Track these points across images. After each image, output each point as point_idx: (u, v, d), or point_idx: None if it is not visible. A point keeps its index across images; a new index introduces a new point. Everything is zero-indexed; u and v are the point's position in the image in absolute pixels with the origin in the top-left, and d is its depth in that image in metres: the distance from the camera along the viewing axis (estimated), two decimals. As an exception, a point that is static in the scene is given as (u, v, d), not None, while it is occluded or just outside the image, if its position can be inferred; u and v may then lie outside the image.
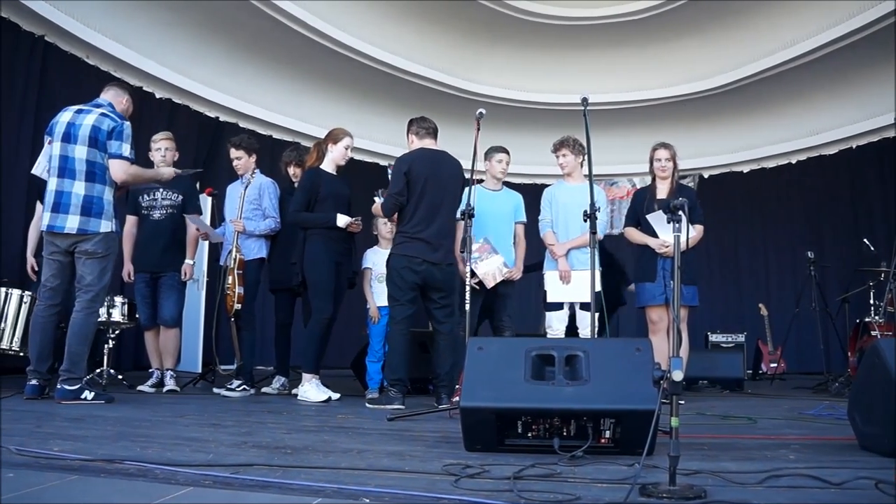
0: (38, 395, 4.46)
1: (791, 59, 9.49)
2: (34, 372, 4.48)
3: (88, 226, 4.49)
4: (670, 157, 5.40)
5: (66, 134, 4.55)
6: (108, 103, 4.76)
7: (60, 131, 4.57)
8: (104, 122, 4.58)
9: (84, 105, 4.70)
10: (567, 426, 2.70)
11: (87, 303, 4.53)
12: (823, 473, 2.24)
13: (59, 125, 4.60)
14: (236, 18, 8.71)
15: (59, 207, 4.47)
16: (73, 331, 4.49)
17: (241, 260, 5.63)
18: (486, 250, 5.23)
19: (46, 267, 4.57)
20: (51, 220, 4.48)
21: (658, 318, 5.28)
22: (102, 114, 4.62)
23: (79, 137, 4.54)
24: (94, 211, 4.53)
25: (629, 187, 11.89)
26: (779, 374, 8.35)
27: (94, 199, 4.54)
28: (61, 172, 4.51)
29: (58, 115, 4.67)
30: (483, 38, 10.27)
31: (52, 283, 4.55)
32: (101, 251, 4.54)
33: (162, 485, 2.06)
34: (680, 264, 2.42)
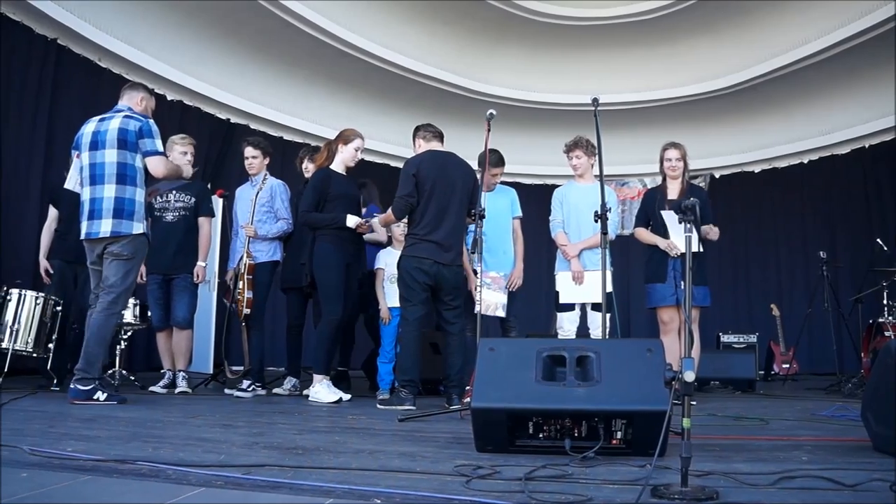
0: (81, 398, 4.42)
1: (802, 59, 9.44)
2: (79, 372, 4.46)
3: (121, 227, 4.53)
4: (680, 157, 5.39)
5: (92, 143, 4.60)
6: (128, 107, 4.78)
7: (87, 142, 4.62)
8: (130, 123, 4.61)
9: (105, 114, 4.74)
10: (578, 427, 2.70)
11: (109, 304, 4.54)
12: (837, 475, 2.22)
13: (84, 136, 4.65)
14: (248, 21, 8.74)
15: (94, 214, 4.53)
16: (92, 331, 4.51)
17: (250, 265, 5.66)
18: (498, 285, 5.23)
19: (93, 277, 4.67)
20: (87, 228, 4.54)
21: (669, 319, 5.27)
22: (126, 116, 4.66)
23: (106, 142, 4.57)
24: (126, 213, 4.56)
25: (640, 188, 11.86)
26: (791, 375, 8.30)
27: (126, 200, 4.57)
28: (92, 180, 4.57)
29: (82, 128, 4.72)
30: (493, 38, 10.26)
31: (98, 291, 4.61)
32: (127, 253, 4.57)
33: (174, 485, 2.06)
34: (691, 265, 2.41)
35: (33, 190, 6.99)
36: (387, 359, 5.73)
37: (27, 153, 7.02)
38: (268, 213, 5.85)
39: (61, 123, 7.35)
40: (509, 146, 5.70)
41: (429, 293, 4.88)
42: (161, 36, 8.54)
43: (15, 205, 6.84)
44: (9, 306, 5.36)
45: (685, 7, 9.36)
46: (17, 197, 6.87)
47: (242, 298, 5.62)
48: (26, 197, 6.94)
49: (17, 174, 6.91)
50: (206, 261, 5.74)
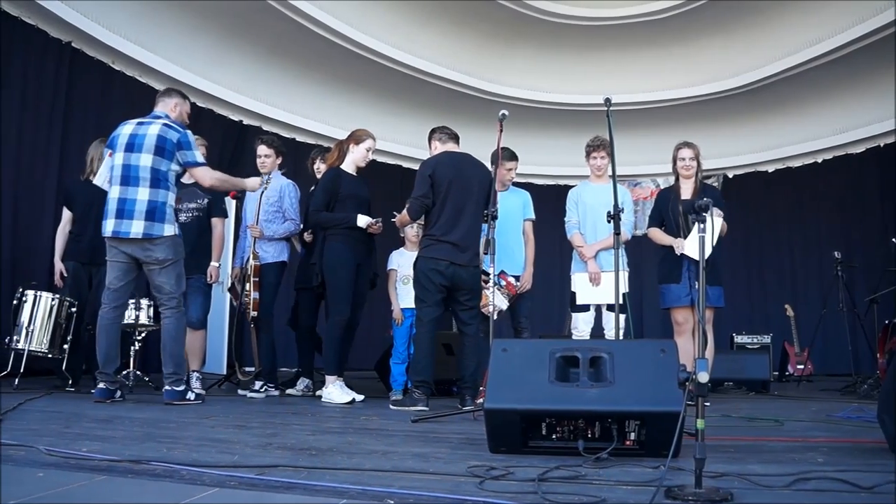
0: (107, 398, 4.52)
1: (816, 57, 9.36)
2: (102, 374, 4.55)
3: (153, 230, 4.60)
4: (694, 157, 5.37)
5: (128, 144, 4.65)
6: (165, 114, 4.85)
7: (123, 142, 4.66)
8: (169, 133, 4.69)
9: (143, 118, 4.81)
10: (592, 428, 2.69)
11: (174, 310, 4.70)
12: (853, 477, 2.21)
13: (120, 137, 4.70)
14: (260, 23, 8.76)
15: (123, 214, 4.57)
16: (171, 336, 4.67)
17: (256, 267, 5.68)
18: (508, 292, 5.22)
19: (110, 269, 4.66)
20: (115, 226, 4.56)
21: (683, 320, 5.25)
22: (165, 125, 4.73)
23: (143, 146, 4.63)
24: (158, 216, 4.63)
25: (653, 188, 11.82)
26: (806, 376, 8.25)
27: (158, 204, 4.65)
28: (124, 181, 4.60)
29: (118, 129, 4.77)
30: (505, 39, 10.25)
31: (116, 284, 4.65)
32: (171, 257, 4.67)
33: (188, 485, 2.07)
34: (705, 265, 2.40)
35: (48, 192, 7.03)
36: (399, 360, 5.74)
37: (43, 155, 7.07)
38: (276, 213, 5.84)
39: (75, 126, 7.40)
40: (522, 147, 5.69)
41: (444, 294, 4.88)
42: (174, 39, 8.57)
43: (30, 206, 6.89)
44: (24, 307, 5.40)
45: (698, 6, 9.30)
46: (32, 199, 6.91)
47: (249, 300, 5.65)
48: (41, 199, 6.98)
49: (32, 176, 6.96)
50: (219, 261, 5.76)
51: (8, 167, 6.72)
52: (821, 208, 10.98)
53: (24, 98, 6.95)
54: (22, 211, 6.82)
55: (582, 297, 5.38)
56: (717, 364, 5.76)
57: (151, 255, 4.62)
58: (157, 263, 4.64)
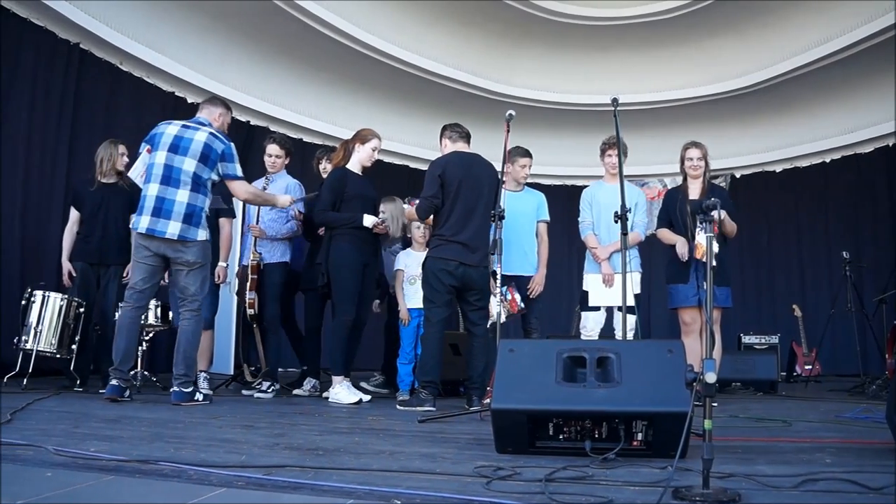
0: (119, 396, 4.54)
1: (824, 57, 9.32)
2: (117, 371, 4.57)
3: (188, 233, 4.65)
4: (702, 156, 5.36)
5: (173, 145, 4.68)
6: (208, 122, 4.90)
7: (167, 142, 4.69)
8: (215, 143, 4.76)
9: (188, 122, 4.85)
10: (599, 428, 2.69)
11: (195, 312, 4.75)
12: (862, 478, 2.20)
13: (164, 136, 4.72)
14: (268, 24, 8.78)
15: (161, 213, 4.60)
16: (187, 338, 4.71)
17: (254, 265, 5.69)
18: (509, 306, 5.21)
19: (138, 270, 4.68)
20: (151, 224, 4.58)
21: (691, 320, 5.24)
22: (212, 134, 4.79)
23: (189, 151, 4.68)
24: (194, 220, 4.69)
25: (660, 188, 11.79)
26: (814, 377, 8.23)
27: (196, 208, 4.70)
28: (165, 180, 4.63)
29: (159, 127, 4.81)
30: (513, 39, 10.24)
31: (141, 286, 4.67)
32: (200, 260, 4.73)
33: (196, 485, 2.08)
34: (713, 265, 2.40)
35: (57, 192, 7.06)
36: (406, 360, 5.74)
37: (51, 156, 7.10)
38: (279, 213, 5.83)
39: (83, 126, 7.42)
40: (531, 147, 5.69)
41: (453, 295, 4.88)
42: (182, 39, 8.60)
43: (38, 207, 6.91)
44: (33, 308, 5.42)
45: (705, 6, 9.28)
46: (40, 199, 6.94)
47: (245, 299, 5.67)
48: (49, 199, 7.01)
49: (41, 177, 6.98)
50: (227, 261, 5.77)
51: (16, 168, 6.76)
52: (829, 208, 10.93)
53: (32, 99, 6.98)
54: (30, 211, 6.84)
55: (594, 299, 5.38)
56: (724, 364, 5.76)
57: (182, 256, 4.67)
58: (187, 265, 4.69)
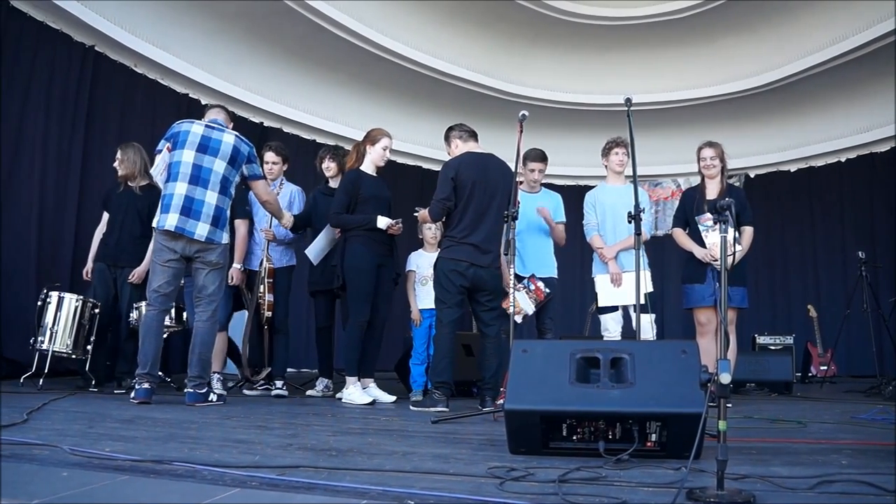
0: (149, 399, 4.51)
1: (839, 55, 9.27)
2: (148, 376, 4.54)
3: (215, 235, 4.68)
4: (716, 156, 5.33)
5: (201, 146, 4.69)
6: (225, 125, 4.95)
7: (194, 141, 4.68)
8: (242, 146, 4.83)
9: (209, 123, 4.86)
10: (612, 429, 2.68)
11: (212, 312, 4.77)
12: (878, 480, 2.18)
13: (190, 135, 4.70)
14: (280, 25, 8.81)
15: (190, 213, 4.60)
16: (202, 339, 4.73)
17: (270, 269, 5.74)
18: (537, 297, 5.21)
19: (161, 274, 4.65)
20: (180, 223, 4.56)
21: (706, 321, 5.21)
22: (238, 137, 4.85)
23: (219, 152, 4.72)
24: (221, 223, 4.73)
25: (674, 188, 11.76)
26: (829, 378, 8.17)
27: (222, 210, 4.74)
28: (194, 180, 4.63)
29: (182, 125, 4.79)
30: (526, 40, 10.24)
31: (166, 289, 4.67)
32: (222, 262, 4.79)
33: (210, 486, 2.08)
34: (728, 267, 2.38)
35: (71, 194, 7.11)
36: (419, 360, 5.75)
37: (66, 158, 7.14)
38: None
39: (98, 129, 7.47)
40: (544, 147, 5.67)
41: (464, 296, 4.88)
42: (195, 42, 8.64)
43: (53, 209, 6.96)
44: (48, 308, 5.45)
45: (718, 5, 9.25)
46: (55, 201, 6.99)
47: (264, 302, 5.70)
48: (64, 201, 7.06)
49: (56, 179, 7.03)
50: (241, 264, 5.79)
51: (32, 169, 6.81)
52: (844, 208, 10.86)
53: (48, 101, 7.03)
54: (45, 213, 6.89)
55: (605, 299, 5.36)
56: (739, 365, 5.72)
57: (205, 256, 4.69)
58: (208, 265, 4.72)
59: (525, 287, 5.16)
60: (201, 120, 4.96)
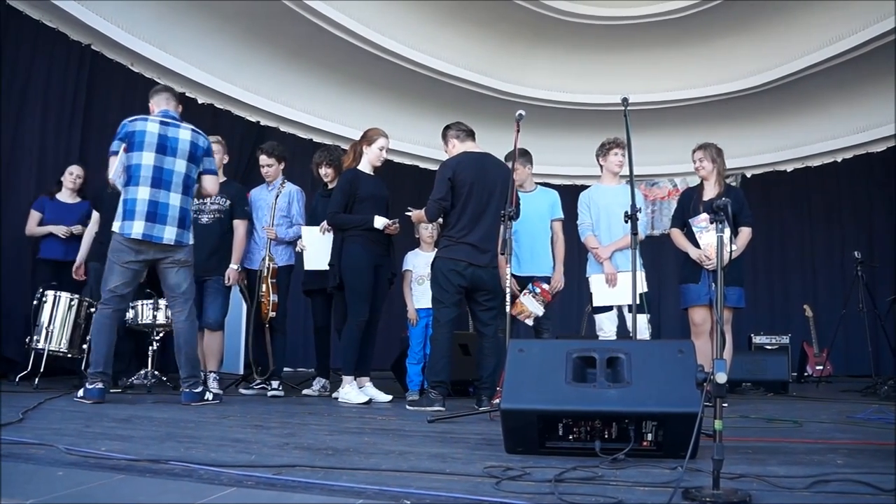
0: (103, 399, 4.43)
1: (836, 55, 9.28)
2: (101, 374, 4.46)
3: (183, 237, 4.65)
4: (704, 158, 5.32)
5: (160, 146, 4.58)
6: (177, 116, 4.82)
7: (152, 142, 4.57)
8: (199, 140, 4.76)
9: (163, 118, 4.72)
10: (609, 429, 2.68)
11: (189, 310, 4.73)
12: (874, 479, 2.18)
13: (147, 135, 4.57)
14: (278, 25, 8.80)
15: (156, 218, 4.52)
16: (186, 339, 4.68)
17: (273, 269, 5.74)
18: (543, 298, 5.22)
19: (120, 275, 4.54)
20: (146, 230, 4.49)
21: (701, 320, 5.21)
22: (193, 130, 4.77)
23: (178, 151, 4.64)
24: (186, 223, 4.70)
25: (670, 188, 11.76)
26: (825, 377, 8.19)
27: (187, 211, 4.71)
28: (156, 183, 4.54)
29: (134, 125, 4.61)
30: (526, 40, 10.23)
31: (122, 290, 4.58)
32: (191, 260, 4.75)
33: (206, 485, 2.08)
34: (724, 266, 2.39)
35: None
36: (415, 360, 5.76)
37: (63, 156, 7.13)
38: (284, 218, 5.93)
39: (95, 128, 7.46)
40: (542, 148, 5.69)
41: (462, 295, 4.88)
42: (193, 41, 8.63)
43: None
44: (44, 308, 5.45)
45: (716, 5, 9.25)
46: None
47: (267, 301, 5.69)
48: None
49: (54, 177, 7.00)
50: (238, 264, 5.77)
51: (30, 168, 6.80)
52: (841, 208, 10.88)
53: (45, 100, 7.02)
54: (42, 213, 6.87)
55: (599, 299, 5.37)
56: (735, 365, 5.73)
57: (172, 256, 4.63)
58: (178, 263, 4.67)
59: (531, 291, 5.18)
60: (150, 104, 4.85)
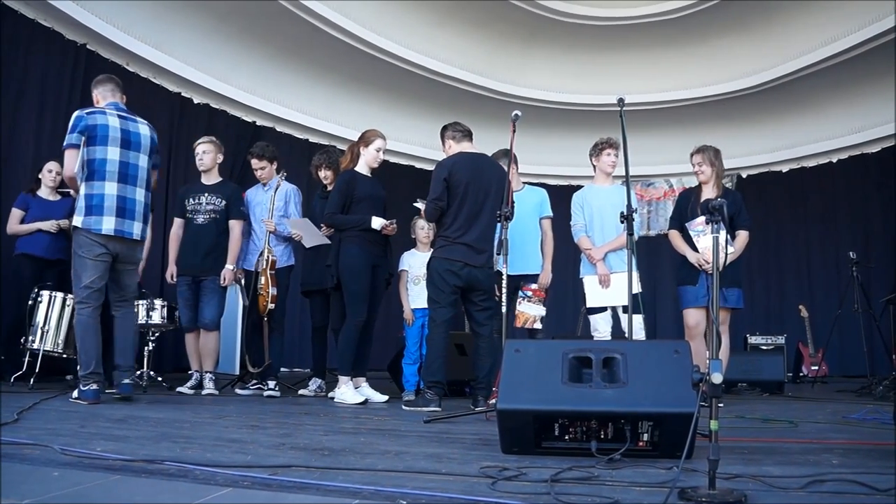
0: (99, 399, 4.40)
1: (831, 56, 9.31)
2: (94, 375, 4.42)
3: (144, 233, 4.70)
4: (703, 162, 5.31)
5: (124, 141, 4.59)
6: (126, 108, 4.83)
7: (116, 136, 4.56)
8: (154, 135, 4.80)
9: (119, 112, 4.70)
10: (605, 429, 2.68)
11: (132, 309, 4.79)
12: (869, 479, 2.19)
13: (110, 129, 4.55)
14: (274, 25, 8.80)
15: (125, 213, 4.54)
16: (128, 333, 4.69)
17: (273, 260, 5.71)
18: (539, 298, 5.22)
19: (93, 269, 4.49)
20: (118, 225, 4.50)
21: (695, 323, 5.20)
22: (148, 125, 4.80)
23: (141, 146, 4.67)
24: (147, 219, 4.73)
25: (666, 188, 11.78)
26: (820, 378, 8.20)
27: (148, 206, 4.75)
28: (123, 178, 4.56)
29: (94, 119, 4.56)
30: (523, 40, 10.24)
31: (98, 284, 4.55)
32: (142, 258, 4.79)
33: (202, 485, 2.08)
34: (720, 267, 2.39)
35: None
36: (411, 360, 5.75)
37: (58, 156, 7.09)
38: (281, 217, 5.92)
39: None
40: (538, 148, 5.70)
41: (458, 295, 4.88)
42: (189, 40, 8.62)
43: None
44: (39, 308, 5.45)
45: (712, 6, 9.27)
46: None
47: (266, 294, 5.66)
48: (56, 200, 7.02)
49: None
50: (234, 264, 5.77)
51: (25, 167, 6.78)
52: (836, 208, 10.90)
53: (41, 100, 7.01)
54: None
55: (593, 300, 5.37)
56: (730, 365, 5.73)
57: (134, 255, 4.70)
58: (134, 264, 4.74)
59: (523, 297, 5.18)
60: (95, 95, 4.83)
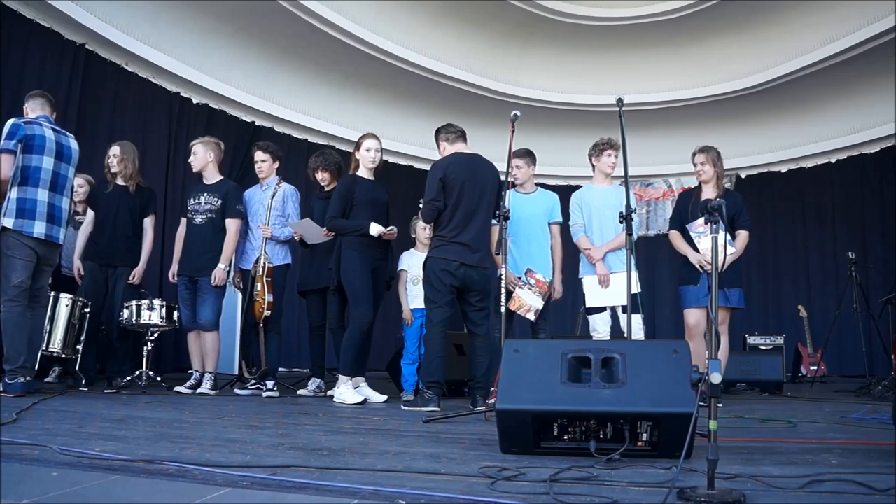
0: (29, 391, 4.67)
1: (830, 57, 9.31)
2: (23, 368, 4.69)
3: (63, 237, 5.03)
4: (705, 161, 5.32)
5: (58, 152, 4.92)
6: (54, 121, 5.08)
7: (51, 147, 4.88)
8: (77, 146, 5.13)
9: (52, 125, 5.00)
10: (604, 429, 2.69)
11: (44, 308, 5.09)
12: (868, 479, 2.19)
13: (46, 140, 4.86)
14: (273, 25, 8.79)
15: (54, 219, 4.87)
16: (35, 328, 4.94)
17: (269, 268, 5.72)
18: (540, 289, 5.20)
19: (24, 269, 4.76)
20: (48, 230, 4.82)
21: (695, 323, 5.21)
22: (74, 138, 5.13)
23: (71, 159, 5.04)
24: (66, 224, 5.05)
25: (665, 188, 11.78)
26: (819, 377, 8.20)
27: (69, 213, 5.12)
28: (53, 187, 4.89)
29: (32, 129, 4.84)
30: (520, 40, 10.24)
31: (27, 283, 4.82)
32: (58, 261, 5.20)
33: (201, 485, 2.08)
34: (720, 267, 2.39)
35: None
36: (410, 360, 5.75)
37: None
38: (279, 217, 5.91)
39: (88, 127, 7.44)
40: (536, 148, 5.67)
41: (454, 295, 4.88)
42: (187, 40, 8.62)
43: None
44: (41, 309, 5.45)
45: (711, 6, 9.28)
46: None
47: (262, 300, 5.66)
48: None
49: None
50: (226, 264, 5.73)
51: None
52: (835, 208, 10.91)
53: (39, 100, 7.00)
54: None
55: (592, 300, 5.36)
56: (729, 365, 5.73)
57: (54, 258, 5.02)
58: (51, 266, 5.01)
59: (526, 283, 5.16)
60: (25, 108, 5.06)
